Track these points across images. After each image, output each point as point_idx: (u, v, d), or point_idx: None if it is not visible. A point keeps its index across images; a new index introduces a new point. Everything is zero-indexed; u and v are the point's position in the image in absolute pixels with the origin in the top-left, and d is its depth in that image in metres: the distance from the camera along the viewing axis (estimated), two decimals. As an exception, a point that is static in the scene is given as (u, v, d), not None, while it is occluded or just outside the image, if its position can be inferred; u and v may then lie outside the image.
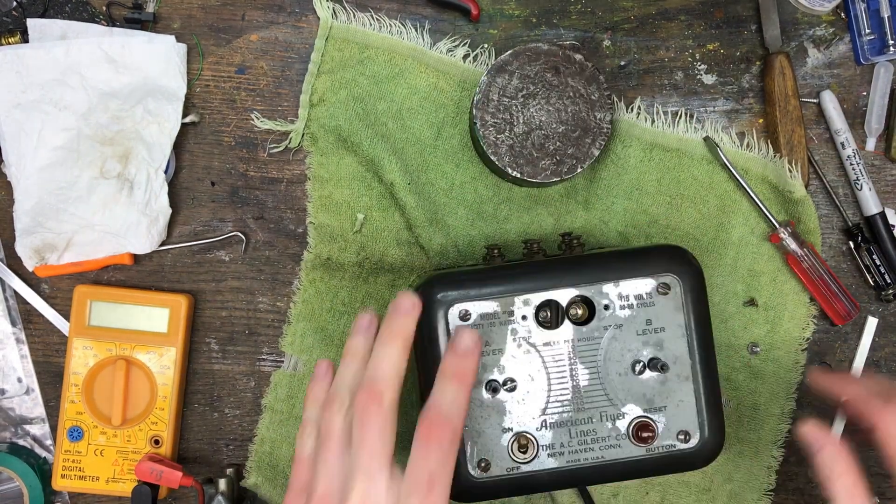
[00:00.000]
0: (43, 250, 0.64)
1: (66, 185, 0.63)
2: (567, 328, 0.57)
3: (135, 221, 0.64)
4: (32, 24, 0.64)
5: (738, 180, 0.65)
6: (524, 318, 0.57)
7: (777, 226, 0.65)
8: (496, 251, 0.61)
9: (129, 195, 0.64)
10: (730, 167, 0.65)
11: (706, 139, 0.66)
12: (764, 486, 0.67)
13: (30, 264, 0.65)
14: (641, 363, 0.57)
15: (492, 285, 0.57)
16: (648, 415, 0.57)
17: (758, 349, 0.67)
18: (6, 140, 0.64)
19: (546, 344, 0.57)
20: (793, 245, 0.64)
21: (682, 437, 0.57)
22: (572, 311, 0.57)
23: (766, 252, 0.67)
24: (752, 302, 0.67)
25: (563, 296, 0.57)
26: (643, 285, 0.57)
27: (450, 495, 0.47)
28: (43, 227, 0.64)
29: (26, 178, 0.63)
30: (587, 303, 0.57)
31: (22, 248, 0.64)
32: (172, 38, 0.65)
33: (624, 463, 0.57)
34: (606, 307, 0.57)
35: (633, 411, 0.57)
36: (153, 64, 0.64)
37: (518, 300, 0.57)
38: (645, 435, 0.56)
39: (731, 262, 0.67)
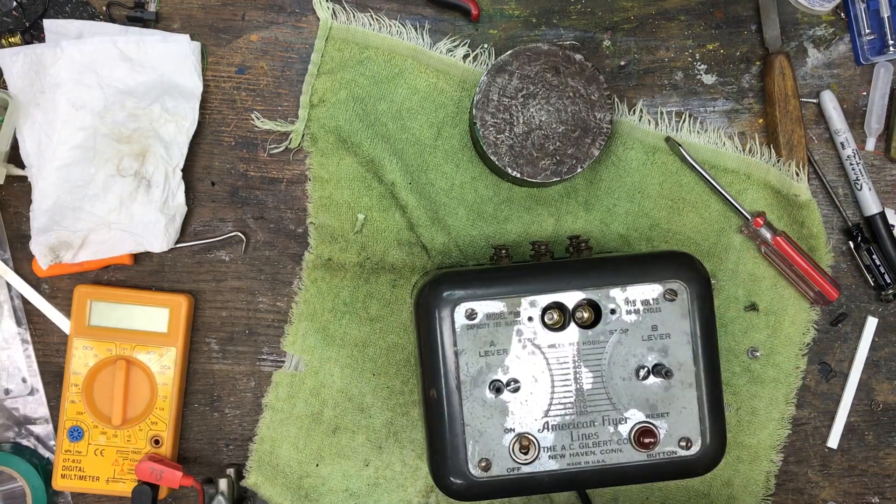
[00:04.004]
0: (58, 248, 0.62)
1: (83, 184, 0.61)
2: (573, 331, 0.55)
3: (153, 220, 0.62)
4: (49, 24, 0.62)
5: (705, 178, 0.64)
6: (530, 319, 0.55)
7: (749, 217, 0.63)
8: (503, 251, 0.59)
9: (147, 193, 0.62)
10: (694, 165, 0.63)
11: (667, 139, 0.64)
12: (762, 491, 0.66)
13: (44, 262, 0.62)
14: (646, 369, 0.55)
15: (499, 285, 0.55)
16: (651, 420, 0.55)
17: (758, 353, 0.65)
18: (26, 141, 0.62)
19: (551, 346, 0.55)
20: (766, 234, 0.63)
21: (683, 443, 0.55)
22: (578, 315, 0.55)
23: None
24: (753, 307, 0.65)
25: (570, 298, 0.55)
26: (650, 291, 0.55)
27: (451, 493, 0.45)
28: (59, 225, 0.62)
29: (44, 178, 0.61)
30: (594, 307, 0.55)
31: (37, 246, 0.62)
32: (187, 36, 0.63)
33: (625, 468, 0.55)
34: (613, 311, 0.55)
35: (635, 416, 0.55)
36: (168, 62, 0.63)
37: (525, 301, 0.55)
38: (647, 441, 0.55)
39: (733, 266, 0.65)
